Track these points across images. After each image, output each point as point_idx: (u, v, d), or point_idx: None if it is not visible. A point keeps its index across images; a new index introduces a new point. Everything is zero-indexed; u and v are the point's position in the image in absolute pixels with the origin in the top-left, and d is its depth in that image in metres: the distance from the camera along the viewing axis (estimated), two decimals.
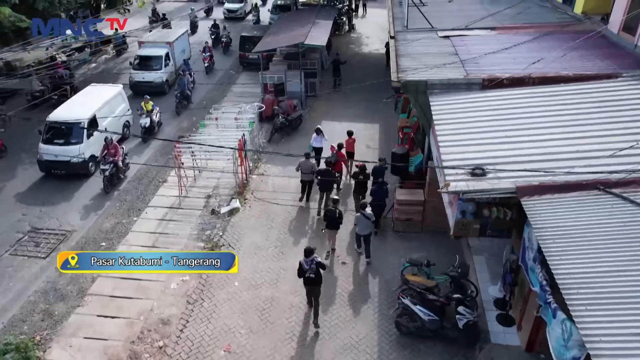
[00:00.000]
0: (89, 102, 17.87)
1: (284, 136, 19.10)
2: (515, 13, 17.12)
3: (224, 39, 29.74)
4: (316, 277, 10.50)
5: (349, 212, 14.44)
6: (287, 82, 20.71)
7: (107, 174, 15.65)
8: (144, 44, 24.65)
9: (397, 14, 18.92)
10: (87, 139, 16.61)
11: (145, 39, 25.55)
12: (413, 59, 13.61)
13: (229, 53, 29.64)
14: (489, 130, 9.92)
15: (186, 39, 26.86)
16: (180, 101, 21.78)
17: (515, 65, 12.53)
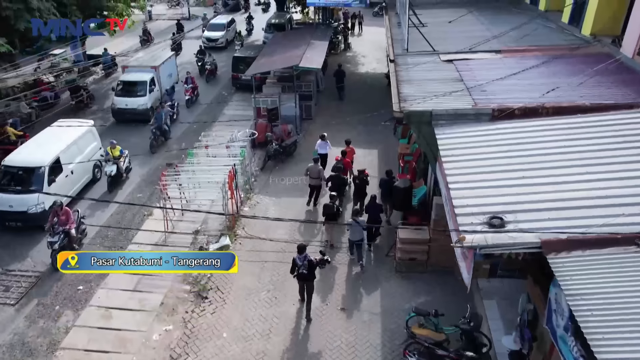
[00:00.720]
0: (53, 143, 15.69)
1: (277, 163, 18.10)
2: (520, 34, 16.29)
3: (208, 66, 27.66)
4: (309, 273, 10.96)
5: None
6: (281, 105, 19.79)
7: (55, 247, 12.74)
8: (128, 69, 23.38)
9: (396, 35, 18.08)
10: (48, 186, 14.41)
11: (129, 62, 24.48)
12: (415, 86, 12.69)
13: (213, 82, 27.58)
14: (504, 169, 8.94)
15: (173, 62, 25.63)
16: (156, 137, 19.74)
17: (526, 93, 11.63)
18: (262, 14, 40.16)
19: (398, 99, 11.78)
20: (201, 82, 26.56)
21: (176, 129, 21.54)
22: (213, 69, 27.84)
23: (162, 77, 23.57)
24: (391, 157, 18.17)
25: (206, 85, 26.83)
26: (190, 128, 21.51)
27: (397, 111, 11.20)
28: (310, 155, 18.31)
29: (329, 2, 23.60)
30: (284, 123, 19.54)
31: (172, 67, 25.37)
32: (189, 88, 23.69)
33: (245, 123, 21.29)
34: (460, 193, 8.44)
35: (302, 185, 16.69)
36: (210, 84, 27.31)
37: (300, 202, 15.80)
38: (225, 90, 26.09)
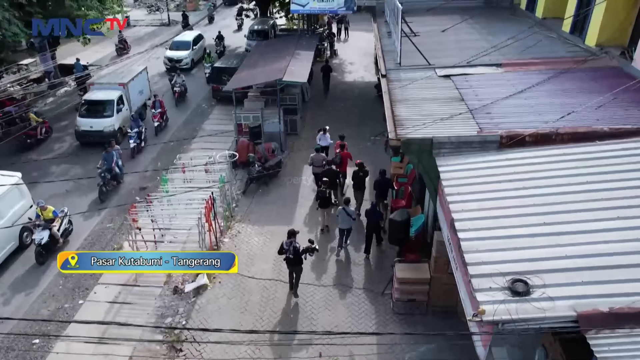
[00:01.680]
0: None
1: (261, 186, 16.72)
2: (520, 45, 15.12)
3: (178, 88, 24.24)
4: (295, 258, 11.43)
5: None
6: (265, 121, 18.41)
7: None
8: (93, 86, 21.07)
9: (387, 46, 16.83)
10: None
11: (95, 79, 22.03)
12: (412, 107, 11.44)
13: (183, 106, 24.37)
14: (520, 213, 7.70)
15: (145, 77, 23.14)
16: (106, 182, 16.40)
17: (535, 115, 10.46)
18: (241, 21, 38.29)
19: (394, 123, 10.50)
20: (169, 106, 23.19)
21: (151, 147, 20.02)
22: (183, 91, 24.65)
23: (132, 95, 21.42)
24: None
25: (176, 109, 23.78)
26: (166, 146, 20.01)
27: (393, 139, 9.90)
28: (296, 177, 17.11)
29: (314, 10, 22.28)
30: (267, 141, 18.17)
31: (144, 83, 23.06)
32: (156, 113, 20.94)
33: (226, 138, 19.98)
34: (472, 245, 7.17)
35: (287, 211, 15.39)
36: (180, 108, 24.17)
37: (284, 230, 14.40)
38: (205, 102, 24.60)
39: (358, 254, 13.48)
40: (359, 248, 13.63)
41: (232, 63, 23.94)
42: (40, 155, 19.36)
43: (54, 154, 19.53)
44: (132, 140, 18.99)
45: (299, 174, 17.44)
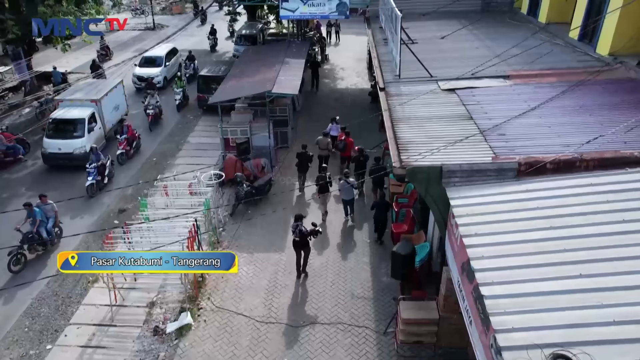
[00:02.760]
0: None
1: (250, 207, 15.52)
2: (526, 53, 14.09)
3: (151, 110, 21.39)
4: (301, 240, 11.98)
5: None
6: (253, 135, 17.23)
7: None
8: (62, 103, 18.91)
9: (384, 55, 15.71)
10: None
11: (65, 95, 19.75)
12: (415, 127, 10.32)
13: (158, 129, 21.63)
14: (553, 262, 6.59)
15: (121, 91, 21.19)
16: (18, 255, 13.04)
17: (554, 137, 9.42)
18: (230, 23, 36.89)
19: (397, 148, 9.37)
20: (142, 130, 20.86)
21: (133, 161, 18.72)
22: (157, 114, 21.92)
23: (106, 112, 19.52)
24: None
25: (149, 134, 21.07)
26: (149, 161, 18.77)
27: (398, 167, 8.77)
28: (288, 195, 15.95)
29: (304, 15, 21.11)
30: (256, 156, 16.99)
31: (119, 97, 21.05)
32: (122, 140, 18.41)
33: (213, 152, 18.79)
34: (499, 304, 6.05)
35: (279, 234, 14.22)
36: (156, 133, 21.38)
37: (276, 258, 13.30)
38: (190, 113, 23.32)
39: (359, 286, 12.34)
40: (357, 277, 12.52)
41: (219, 71, 22.70)
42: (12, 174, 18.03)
43: (22, 174, 18.12)
44: (90, 176, 16.08)
45: (292, 192, 16.28)
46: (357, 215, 14.88)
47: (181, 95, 23.39)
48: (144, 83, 25.05)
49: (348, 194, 14.04)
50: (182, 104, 23.59)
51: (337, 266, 12.91)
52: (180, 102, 23.42)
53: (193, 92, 23.87)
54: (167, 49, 27.96)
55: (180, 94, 23.40)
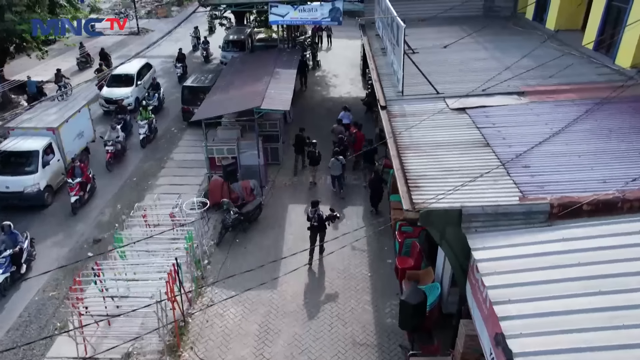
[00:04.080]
0: None
1: (238, 234, 14.14)
2: (537, 65, 12.88)
3: (110, 146, 17.76)
4: (319, 225, 12.46)
5: None
6: (241, 154, 15.85)
7: None
8: (13, 132, 15.98)
9: (383, 68, 14.41)
10: None
11: (19, 122, 16.69)
12: (426, 157, 9.02)
13: (119, 169, 17.98)
14: (610, 342, 5.33)
15: (86, 116, 18.18)
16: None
17: (587, 170, 8.22)
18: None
19: (406, 185, 8.06)
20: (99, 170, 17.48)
21: (109, 183, 17.20)
22: (118, 151, 18.26)
23: (67, 141, 16.59)
24: (382, 222, 14.48)
25: (107, 176, 17.57)
26: (128, 182, 17.30)
27: (409, 210, 7.46)
28: (280, 220, 14.61)
29: (295, 21, 19.77)
30: (245, 176, 15.63)
31: (84, 123, 18.05)
32: (74, 184, 15.02)
33: (198, 170, 17.37)
34: None
35: (272, 268, 12.78)
36: (115, 175, 17.70)
37: (267, 297, 11.95)
38: (175, 125, 21.86)
39: (361, 330, 11.02)
40: (359, 320, 11.20)
41: (204, 81, 21.26)
42: None
43: None
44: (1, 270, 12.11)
45: (284, 216, 14.94)
46: (356, 244, 13.55)
47: (146, 129, 19.53)
48: (112, 105, 21.54)
49: (336, 170, 15.13)
50: (148, 138, 19.78)
51: (335, 307, 11.58)
52: (146, 136, 19.56)
53: (175, 106, 22.41)
54: (139, 64, 24.12)
55: (146, 126, 19.51)
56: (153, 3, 50.84)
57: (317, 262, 13.00)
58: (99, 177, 17.09)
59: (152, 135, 20.09)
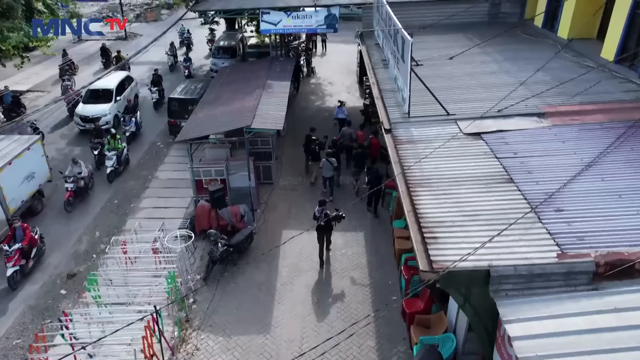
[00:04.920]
0: None
1: (227, 267, 12.85)
2: (555, 79, 11.74)
3: (70, 184, 15.28)
4: (326, 224, 12.15)
5: None
6: (231, 174, 14.57)
7: None
8: None
9: (385, 83, 13.16)
10: None
11: None
12: (441, 198, 7.78)
13: (81, 211, 15.39)
14: None
15: (38, 152, 15.10)
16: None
17: (632, 215, 6.98)
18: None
19: (420, 234, 6.81)
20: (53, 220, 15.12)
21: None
22: (82, 188, 15.71)
23: (10, 187, 13.58)
24: (384, 251, 13.25)
25: (63, 221, 14.98)
26: (108, 205, 15.94)
27: (426, 270, 6.22)
28: (274, 250, 13.32)
29: (288, 29, 18.48)
30: (235, 200, 14.37)
31: (35, 161, 14.88)
32: (11, 252, 12.00)
33: (185, 191, 16.05)
34: None
35: (265, 307, 11.58)
36: (73, 220, 15.05)
37: (259, 343, 10.67)
38: (161, 139, 20.52)
39: None
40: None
41: (193, 92, 19.92)
42: None
43: None
44: None
45: (277, 244, 13.64)
46: (356, 276, 12.32)
47: (114, 161, 16.82)
48: (89, 124, 19.40)
49: (329, 172, 14.90)
50: (117, 171, 17.13)
51: (336, 355, 10.30)
52: (114, 170, 16.87)
53: (161, 118, 21.03)
54: (119, 77, 21.85)
55: (114, 158, 16.79)
56: (142, 6, 49.50)
57: (315, 300, 11.74)
58: (56, 220, 15.11)
59: (122, 167, 17.49)
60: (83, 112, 20.08)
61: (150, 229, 13.37)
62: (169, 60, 29.35)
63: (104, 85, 20.91)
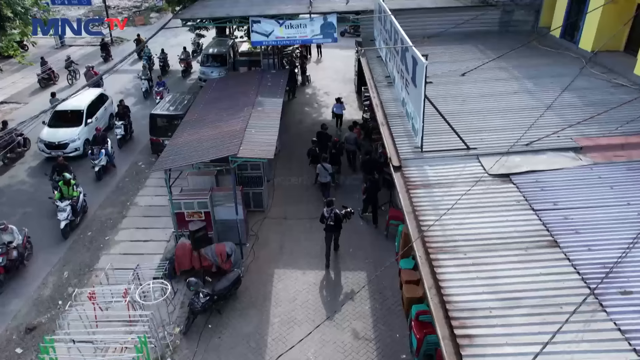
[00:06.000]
0: None
1: (211, 317, 11.20)
2: (585, 101, 10.21)
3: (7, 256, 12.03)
4: (335, 224, 12.08)
5: None
6: (216, 206, 12.94)
7: None
8: None
9: (390, 105, 11.53)
10: None
11: None
12: (472, 272, 6.15)
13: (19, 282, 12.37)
14: None
15: None
16: None
17: None
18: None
19: (449, 330, 5.20)
20: None
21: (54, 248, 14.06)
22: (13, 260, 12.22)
23: None
24: (389, 296, 11.64)
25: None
26: (77, 241, 14.21)
27: None
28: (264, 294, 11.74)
29: (281, 40, 16.83)
30: (220, 235, 12.73)
31: None
32: None
33: (167, 221, 14.34)
34: None
35: None
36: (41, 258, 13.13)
37: None
38: (142, 159, 18.82)
39: None
40: None
41: (176, 107, 18.29)
42: None
43: None
44: None
45: (269, 287, 12.05)
46: (359, 329, 10.70)
47: (69, 212, 13.67)
48: (55, 151, 17.24)
49: (324, 177, 14.63)
50: (72, 225, 14.04)
51: None
52: (68, 224, 13.78)
53: (143, 135, 19.28)
54: (91, 96, 19.45)
55: (67, 209, 13.59)
56: (131, 9, 47.75)
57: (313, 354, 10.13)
58: None
59: (79, 218, 14.43)
60: (48, 138, 17.57)
61: (126, 266, 11.86)
62: (143, 85, 24.44)
63: (73, 105, 18.31)
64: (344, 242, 13.21)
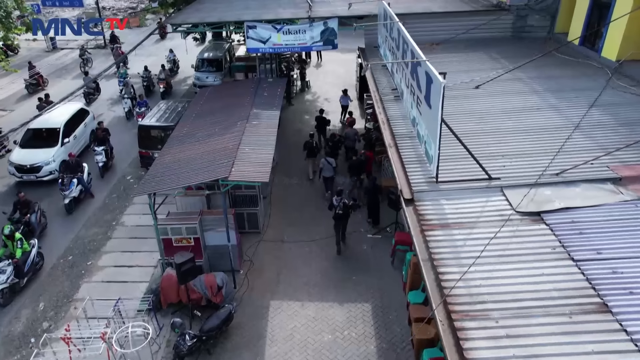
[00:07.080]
0: None
1: (200, 356, 10.04)
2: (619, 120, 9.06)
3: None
4: (343, 213, 12.29)
5: None
6: (207, 231, 11.81)
7: None
8: None
9: (399, 123, 10.38)
10: None
11: None
12: (501, 337, 5.04)
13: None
14: None
15: None
16: None
17: None
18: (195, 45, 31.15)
19: None
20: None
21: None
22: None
23: None
24: (397, 333, 10.51)
25: None
26: (61, 264, 13.10)
27: None
28: (259, 330, 10.60)
29: (278, 48, 15.65)
30: (211, 262, 11.61)
31: None
32: None
33: (153, 244, 13.13)
34: None
35: None
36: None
37: None
38: (131, 172, 17.67)
39: None
40: None
41: (167, 117, 17.11)
42: None
43: None
44: None
45: (263, 322, 10.92)
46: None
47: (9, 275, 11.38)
48: (27, 175, 15.73)
49: (328, 172, 14.62)
50: (13, 289, 11.68)
51: None
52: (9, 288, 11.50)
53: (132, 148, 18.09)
54: (69, 112, 17.54)
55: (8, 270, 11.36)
56: (126, 10, 46.64)
57: None
58: None
59: (24, 280, 11.87)
60: (18, 160, 15.77)
61: (108, 295, 10.78)
62: (125, 104, 21.55)
63: (48, 123, 16.53)
64: (346, 269, 12.10)
